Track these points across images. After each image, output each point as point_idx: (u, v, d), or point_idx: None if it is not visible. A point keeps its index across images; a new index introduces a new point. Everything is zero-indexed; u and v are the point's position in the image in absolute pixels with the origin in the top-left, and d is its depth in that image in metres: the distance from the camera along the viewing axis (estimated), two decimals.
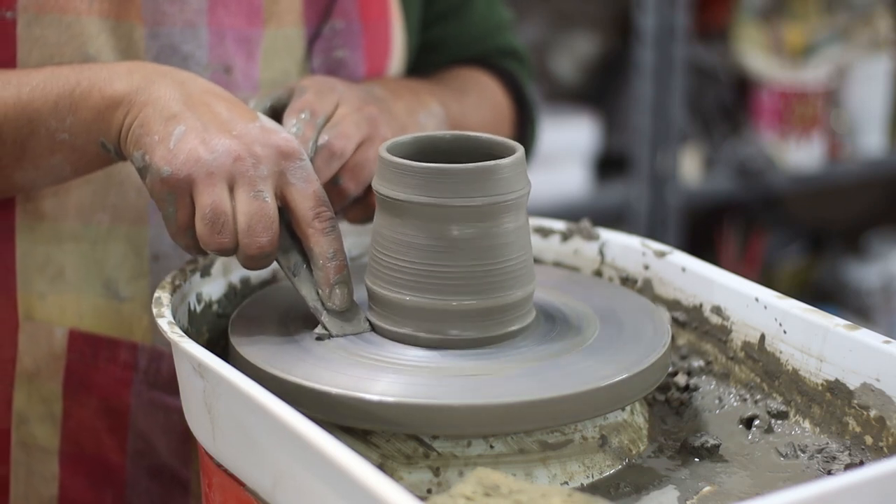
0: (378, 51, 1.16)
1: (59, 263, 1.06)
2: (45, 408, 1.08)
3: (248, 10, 1.08)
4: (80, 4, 1.02)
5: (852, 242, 3.28)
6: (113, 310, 1.07)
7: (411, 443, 0.83)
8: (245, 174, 0.89)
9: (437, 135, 0.95)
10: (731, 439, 0.90)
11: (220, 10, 1.06)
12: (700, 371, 0.98)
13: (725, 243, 2.99)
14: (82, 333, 1.07)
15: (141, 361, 1.08)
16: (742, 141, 2.84)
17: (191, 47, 1.05)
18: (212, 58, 1.06)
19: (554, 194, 2.54)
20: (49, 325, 1.06)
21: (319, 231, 0.90)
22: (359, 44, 1.14)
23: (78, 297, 1.06)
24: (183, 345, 0.84)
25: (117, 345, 1.07)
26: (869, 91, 2.94)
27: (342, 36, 1.13)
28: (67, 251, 1.05)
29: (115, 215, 1.06)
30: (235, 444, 0.82)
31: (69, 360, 1.07)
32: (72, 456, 1.09)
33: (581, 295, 0.97)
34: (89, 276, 1.06)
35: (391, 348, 0.89)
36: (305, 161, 0.91)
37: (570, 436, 0.85)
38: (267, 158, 0.90)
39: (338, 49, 1.13)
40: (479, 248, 0.88)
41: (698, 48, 2.82)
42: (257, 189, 0.89)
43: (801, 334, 0.91)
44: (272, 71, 1.09)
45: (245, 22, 1.07)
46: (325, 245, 0.90)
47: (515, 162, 0.89)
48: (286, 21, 1.09)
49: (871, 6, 2.97)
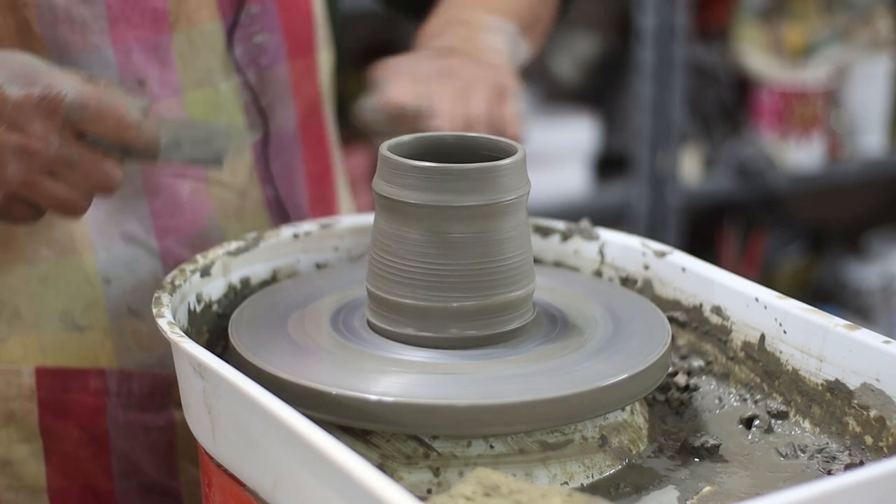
0: (299, 27, 1.15)
1: (12, 305, 1.05)
2: (26, 447, 1.07)
3: (153, 18, 1.06)
4: None
5: (852, 242, 3.28)
6: (74, 341, 1.06)
7: (411, 443, 0.83)
8: (48, 158, 0.90)
9: (437, 134, 0.95)
10: (731, 439, 0.90)
11: (121, 26, 1.04)
12: (700, 371, 0.98)
13: (725, 243, 2.99)
14: (49, 369, 1.06)
15: (111, 386, 1.07)
16: (742, 141, 2.84)
17: (99, 70, 1.03)
18: (121, 74, 1.04)
19: (554, 194, 2.54)
20: (15, 366, 1.06)
21: (135, 135, 0.91)
22: (277, 25, 1.12)
23: (38, 334, 1.06)
24: (183, 345, 0.84)
25: (85, 374, 1.07)
26: (869, 91, 2.94)
27: (259, 20, 1.11)
28: (18, 291, 1.05)
29: (59, 249, 1.05)
30: (235, 444, 0.82)
31: (40, 396, 1.06)
32: (60, 490, 1.08)
33: (581, 295, 0.97)
34: (45, 313, 1.06)
35: (391, 348, 0.89)
36: (67, 94, 0.90)
37: (570, 436, 0.85)
38: (45, 126, 0.90)
39: (256, 34, 1.11)
40: (479, 247, 0.88)
41: (698, 48, 2.82)
42: (66, 159, 0.90)
43: (801, 334, 0.91)
44: (194, 71, 1.08)
45: (151, 30, 1.06)
46: (144, 135, 0.91)
47: (516, 162, 0.89)
48: (199, 17, 1.08)
49: (871, 6, 2.97)
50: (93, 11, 1.02)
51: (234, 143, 0.93)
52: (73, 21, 1.02)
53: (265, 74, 1.12)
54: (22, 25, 1.01)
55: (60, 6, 1.01)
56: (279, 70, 1.13)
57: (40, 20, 1.01)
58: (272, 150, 1.13)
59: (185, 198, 1.08)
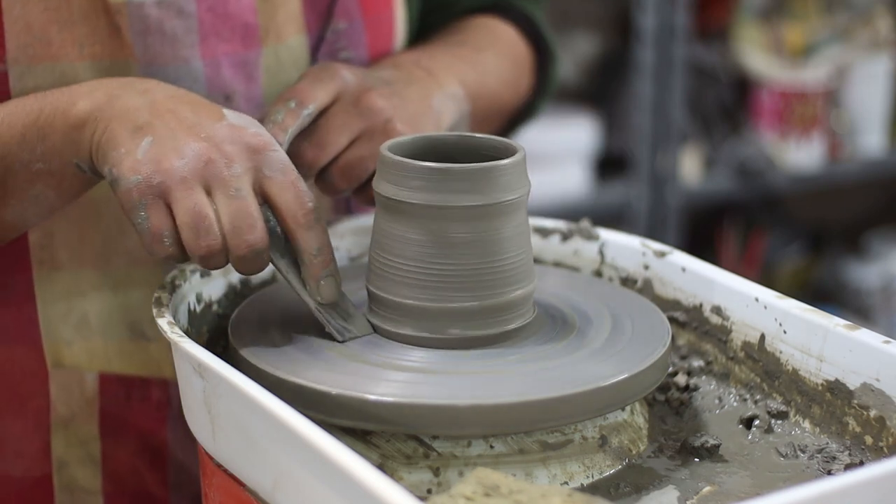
0: (382, 45, 1.14)
1: (81, 311, 1.04)
2: (83, 451, 1.07)
3: (244, 33, 1.05)
4: (72, 51, 0.99)
5: (852, 242, 3.28)
6: (141, 350, 1.06)
7: (411, 443, 0.83)
8: (219, 175, 0.87)
9: (438, 135, 0.95)
10: (731, 439, 0.90)
11: (212, 40, 1.03)
12: (700, 371, 0.98)
13: (725, 243, 2.99)
14: (113, 376, 1.06)
15: (174, 397, 1.07)
16: (742, 141, 2.84)
17: (186, 83, 1.02)
18: (209, 89, 1.03)
19: (554, 194, 2.54)
20: (79, 370, 1.05)
21: (302, 226, 0.89)
22: (362, 42, 1.11)
23: (105, 341, 1.05)
24: (183, 345, 0.84)
25: (149, 384, 1.07)
26: (869, 91, 2.94)
27: (346, 37, 1.10)
28: (89, 298, 1.04)
29: (131, 259, 1.05)
30: (235, 444, 0.82)
31: (102, 403, 1.06)
32: (115, 494, 1.08)
33: (581, 295, 0.97)
34: (113, 321, 1.05)
35: (391, 348, 0.89)
36: (278, 152, 0.90)
37: (570, 436, 0.85)
38: (238, 156, 0.88)
39: (342, 51, 1.10)
40: (479, 248, 0.88)
41: (698, 48, 2.82)
42: (234, 188, 0.87)
43: (801, 334, 0.91)
44: (277, 86, 1.07)
45: (241, 45, 1.05)
46: (308, 240, 0.89)
47: (516, 162, 0.89)
48: (287, 32, 1.07)
49: (871, 6, 2.97)
50: (185, 24, 1.01)
51: (358, 338, 0.91)
52: (164, 33, 1.00)
53: None
54: (113, 30, 1.00)
55: (153, 17, 1.00)
56: None
57: (132, 29, 1.00)
58: None
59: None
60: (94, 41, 1.00)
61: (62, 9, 0.98)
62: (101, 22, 0.99)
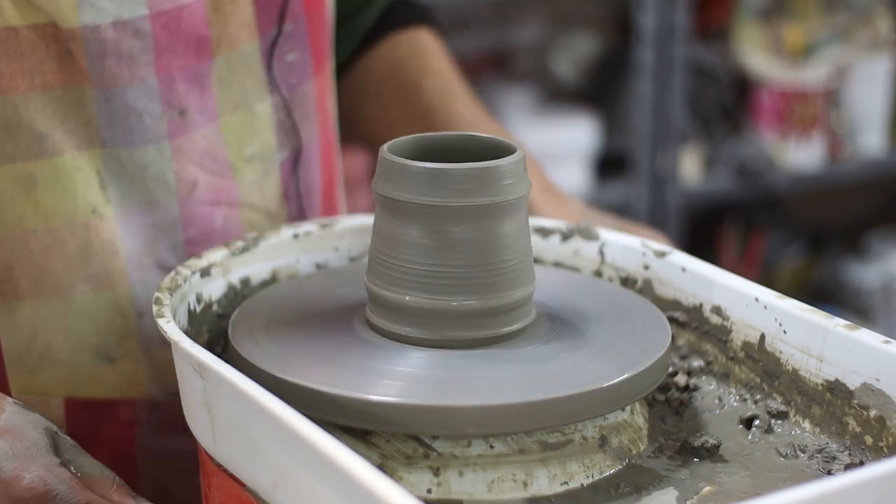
0: (321, 41, 1.14)
1: (45, 339, 1.03)
2: None
3: (197, 45, 1.03)
4: (22, 82, 0.98)
5: (852, 242, 3.28)
6: (106, 373, 1.05)
7: (411, 443, 0.83)
8: None
9: (438, 135, 0.95)
10: (731, 439, 0.90)
11: (166, 56, 1.02)
12: (700, 371, 0.98)
13: (725, 243, 2.99)
14: (79, 401, 1.05)
15: (141, 415, 1.06)
16: (742, 141, 2.84)
17: (143, 102, 1.01)
18: (164, 106, 1.02)
19: None
20: (44, 397, 1.04)
21: None
22: (306, 42, 1.11)
23: (70, 368, 1.04)
24: (183, 345, 0.84)
25: (116, 405, 1.06)
26: (869, 91, 2.94)
27: (292, 38, 1.10)
28: (53, 326, 1.03)
29: (96, 284, 1.03)
30: (235, 444, 0.82)
31: (69, 427, 1.04)
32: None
33: (581, 295, 0.97)
34: (79, 347, 1.04)
35: (391, 349, 0.89)
36: (60, 498, 0.86)
37: (570, 436, 0.85)
38: None
39: (288, 53, 1.10)
40: (478, 248, 0.88)
41: (698, 48, 2.82)
42: None
43: (801, 334, 0.91)
44: (231, 94, 1.06)
45: (195, 58, 1.04)
46: None
47: (516, 162, 0.89)
48: (239, 39, 1.06)
49: (871, 6, 2.97)
50: (141, 44, 1.00)
51: None
52: (121, 54, 1.00)
53: (294, 92, 1.11)
54: (63, 56, 0.99)
55: (110, 39, 0.99)
56: (306, 87, 1.12)
57: (87, 53, 0.99)
58: (301, 168, 1.13)
59: (218, 225, 1.07)
60: (45, 70, 0.98)
61: (10, 40, 0.97)
62: (51, 49, 0.98)
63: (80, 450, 0.90)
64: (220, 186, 1.06)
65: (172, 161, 1.03)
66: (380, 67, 1.28)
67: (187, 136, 1.04)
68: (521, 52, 2.92)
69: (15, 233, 1.00)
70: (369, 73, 1.29)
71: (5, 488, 0.86)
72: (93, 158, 1.01)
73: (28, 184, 0.99)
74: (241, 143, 1.07)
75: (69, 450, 0.90)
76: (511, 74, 2.87)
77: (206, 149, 1.05)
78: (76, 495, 0.87)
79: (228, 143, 1.06)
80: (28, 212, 1.00)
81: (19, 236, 1.00)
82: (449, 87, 1.26)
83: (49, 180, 1.00)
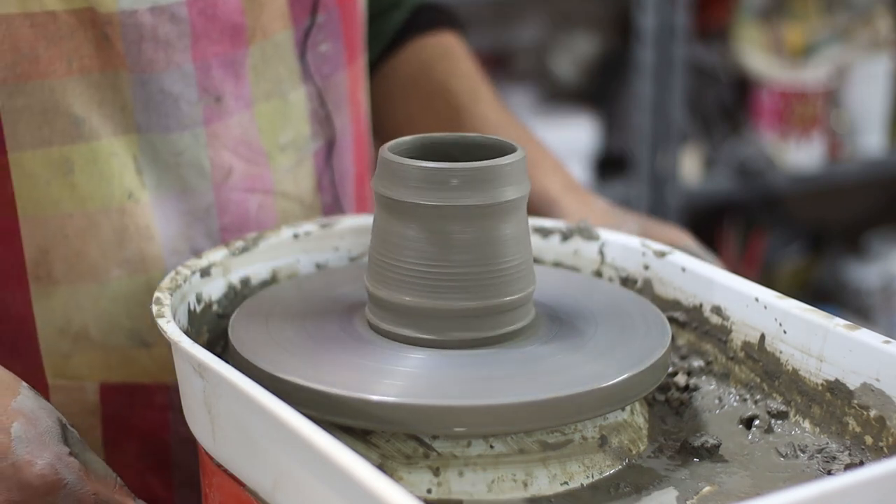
0: (354, 32, 1.15)
1: (80, 324, 1.03)
2: None
3: (232, 32, 1.04)
4: (60, 66, 0.98)
5: (852, 242, 3.28)
6: (141, 357, 1.05)
7: (411, 443, 0.83)
8: None
9: (438, 135, 0.95)
10: (731, 439, 0.90)
11: (203, 42, 1.02)
12: (700, 371, 0.98)
13: (725, 243, 2.99)
14: (114, 385, 1.05)
15: (175, 401, 1.05)
16: (742, 141, 2.84)
17: (179, 87, 1.02)
18: (200, 92, 1.03)
19: None
20: (79, 382, 1.04)
21: None
22: (339, 33, 1.12)
23: (105, 352, 1.04)
24: (183, 345, 0.84)
25: (151, 390, 1.06)
26: (869, 91, 2.94)
27: (325, 28, 1.11)
28: (87, 311, 1.03)
29: (131, 269, 1.03)
30: (235, 444, 0.82)
31: (104, 412, 1.05)
32: None
33: (581, 295, 0.97)
34: (113, 331, 1.04)
35: (391, 349, 0.89)
36: (69, 488, 0.86)
37: (570, 436, 0.85)
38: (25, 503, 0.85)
39: (321, 43, 1.11)
40: (478, 248, 0.88)
41: (698, 48, 2.82)
42: None
43: (801, 334, 0.91)
44: (265, 83, 1.07)
45: (230, 45, 1.04)
46: None
47: (516, 162, 0.89)
48: (273, 28, 1.07)
49: (871, 6, 2.97)
50: (178, 29, 1.01)
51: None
52: (157, 39, 1.00)
53: (327, 83, 1.12)
54: (101, 40, 0.99)
55: (147, 24, 0.99)
56: (339, 77, 1.13)
57: (124, 38, 0.99)
58: (335, 158, 1.13)
59: (253, 213, 1.07)
60: (83, 54, 0.99)
61: (49, 25, 0.97)
62: (89, 34, 0.99)
63: (85, 446, 0.90)
64: (254, 174, 1.07)
65: (208, 147, 1.04)
66: (406, 69, 1.29)
67: (222, 122, 1.04)
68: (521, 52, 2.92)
69: (51, 216, 1.00)
70: (396, 76, 1.30)
71: (15, 472, 0.85)
72: (129, 143, 1.01)
73: (65, 168, 0.99)
74: (274, 131, 1.08)
75: (76, 444, 0.90)
76: (511, 74, 2.87)
77: (241, 136, 1.06)
78: (85, 486, 0.87)
79: (262, 131, 1.07)
80: (64, 196, 1.00)
81: (55, 220, 1.00)
82: (476, 90, 1.28)
83: (85, 165, 1.00)
